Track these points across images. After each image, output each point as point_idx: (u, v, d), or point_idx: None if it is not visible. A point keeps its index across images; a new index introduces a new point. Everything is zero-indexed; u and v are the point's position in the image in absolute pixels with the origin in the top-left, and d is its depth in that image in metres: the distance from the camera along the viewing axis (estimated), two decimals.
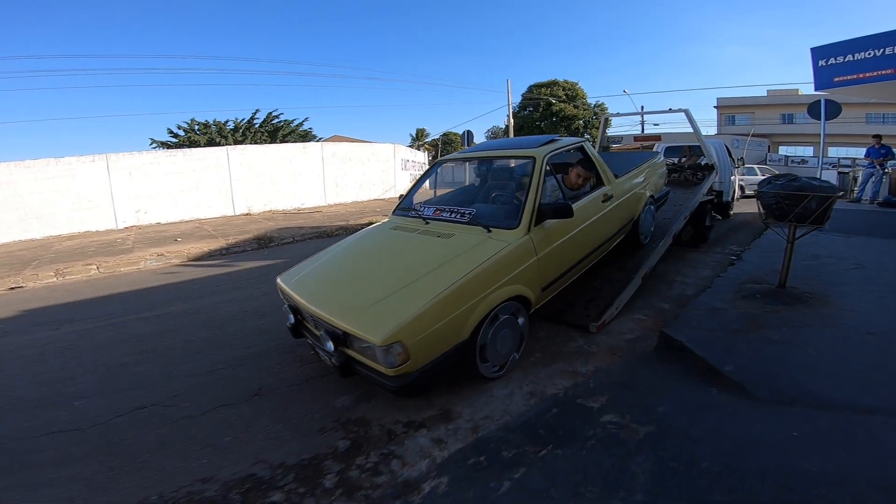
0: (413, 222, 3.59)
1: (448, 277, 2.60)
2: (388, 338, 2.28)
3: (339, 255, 3.53)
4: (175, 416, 2.73)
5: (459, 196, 4.26)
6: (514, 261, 2.89)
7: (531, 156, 3.44)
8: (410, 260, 3.02)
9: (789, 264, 3.94)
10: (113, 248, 8.04)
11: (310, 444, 2.40)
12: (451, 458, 2.20)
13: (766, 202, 3.91)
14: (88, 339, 4.09)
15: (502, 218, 3.18)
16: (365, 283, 2.89)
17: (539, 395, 2.70)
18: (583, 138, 4.25)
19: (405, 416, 2.60)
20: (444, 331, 2.49)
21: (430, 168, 4.45)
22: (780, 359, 2.73)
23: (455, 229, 3.23)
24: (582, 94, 32.28)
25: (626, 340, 3.38)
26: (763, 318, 3.36)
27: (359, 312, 2.53)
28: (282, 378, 3.13)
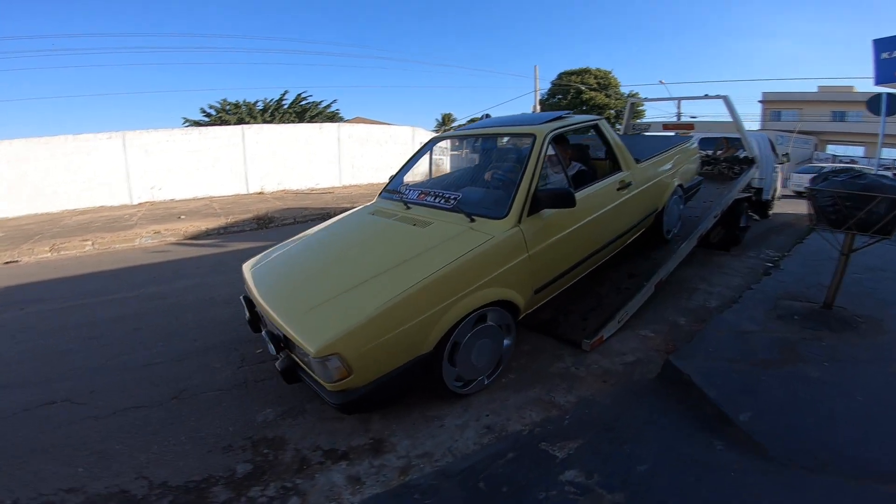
0: (394, 206, 3.16)
1: (410, 277, 2.16)
2: (323, 348, 1.89)
3: (307, 243, 3.14)
4: (80, 416, 2.43)
5: (454, 178, 3.79)
6: (498, 258, 2.40)
7: (531, 133, 2.92)
8: (375, 252, 2.61)
9: (840, 281, 3.22)
10: (116, 225, 8.00)
11: (207, 464, 2.03)
12: None
13: (821, 203, 3.16)
14: (47, 321, 3.88)
15: (490, 205, 2.69)
16: (321, 279, 2.50)
17: (498, 431, 2.20)
18: (598, 116, 3.62)
19: (330, 441, 2.18)
20: (398, 341, 2.05)
21: (423, 146, 3.94)
22: (816, 405, 2.11)
23: (436, 216, 2.77)
24: (615, 83, 30.80)
25: (623, 364, 2.81)
26: (802, 347, 2.71)
27: (301, 314, 2.15)
28: (213, 380, 2.77)
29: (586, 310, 3.32)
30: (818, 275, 3.95)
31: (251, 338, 3.31)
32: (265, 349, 3.12)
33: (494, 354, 2.53)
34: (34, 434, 2.28)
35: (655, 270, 3.60)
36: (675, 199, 4.14)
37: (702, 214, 4.56)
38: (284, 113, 19.32)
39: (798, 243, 5.61)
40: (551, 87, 31.43)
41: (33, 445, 2.18)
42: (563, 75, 31.09)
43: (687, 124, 6.34)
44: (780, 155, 7.96)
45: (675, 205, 4.16)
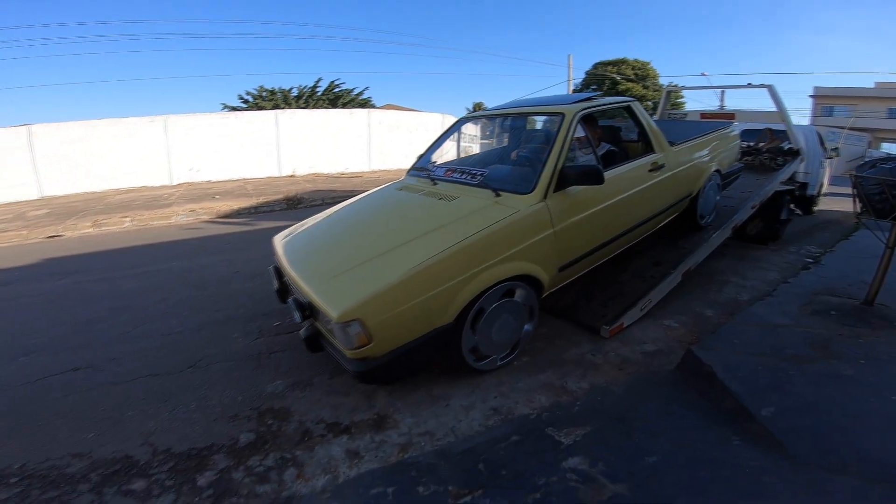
0: (421, 183, 3.16)
1: (434, 247, 2.15)
2: (345, 314, 1.89)
3: (336, 216, 3.17)
4: (99, 382, 2.50)
5: (479, 157, 3.80)
6: (523, 232, 2.37)
7: (559, 112, 2.85)
8: (401, 224, 2.62)
9: (884, 276, 2.96)
10: (155, 203, 8.30)
11: (212, 432, 2.05)
12: (356, 481, 1.73)
13: (867, 191, 2.92)
14: (78, 291, 4.06)
15: (516, 181, 2.66)
16: (347, 248, 2.53)
17: (505, 413, 2.13)
18: (630, 98, 3.48)
19: (334, 415, 2.16)
20: (420, 311, 2.04)
21: (452, 125, 3.94)
22: (845, 405, 1.94)
23: (462, 191, 2.76)
24: (653, 74, 29.60)
25: (643, 353, 2.68)
26: (836, 344, 2.50)
27: (326, 281, 2.17)
28: (229, 350, 2.81)
29: (608, 296, 3.20)
30: (861, 272, 3.66)
31: (270, 311, 3.37)
32: (283, 322, 3.17)
33: (513, 335, 2.48)
34: (56, 399, 2.35)
35: (683, 259, 3.42)
36: (712, 185, 3.95)
37: (738, 204, 4.30)
38: (318, 100, 19.53)
39: (843, 240, 5.23)
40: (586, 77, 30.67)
41: (55, 409, 2.25)
42: (599, 65, 30.28)
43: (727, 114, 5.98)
44: (830, 150, 7.42)
45: (712, 191, 3.97)
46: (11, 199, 9.89)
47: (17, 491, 1.73)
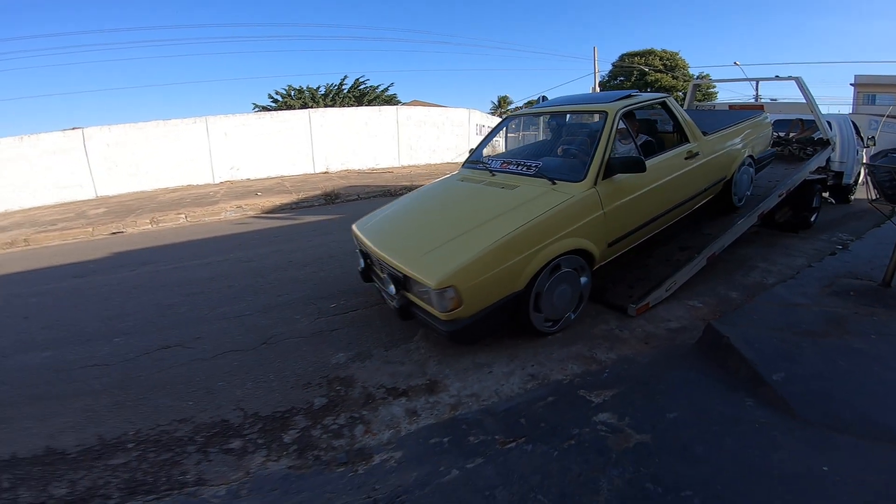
0: (480, 174, 3.54)
1: (506, 226, 2.58)
2: (442, 281, 2.33)
3: (408, 205, 3.62)
4: (189, 358, 2.90)
5: (529, 150, 4.16)
6: (577, 213, 2.78)
7: (603, 110, 3.24)
8: (472, 209, 3.02)
9: None
10: (203, 200, 8.88)
11: (290, 397, 2.41)
12: (416, 434, 2.06)
13: (879, 178, 3.10)
14: (153, 280, 4.55)
15: (568, 171, 3.06)
16: (428, 231, 2.96)
17: (541, 379, 2.43)
18: (666, 94, 3.80)
19: (392, 381, 2.50)
20: (498, 278, 2.47)
21: (499, 122, 4.39)
22: (853, 374, 2.14)
23: (520, 181, 3.16)
24: (682, 65, 29.46)
25: (667, 329, 2.93)
26: (851, 321, 2.68)
27: (419, 257, 2.60)
28: (294, 329, 3.19)
29: (635, 279, 3.45)
30: (886, 257, 3.69)
31: (326, 295, 3.75)
32: (337, 304, 3.53)
33: (575, 292, 2.88)
34: (153, 374, 2.74)
35: (708, 244, 3.63)
36: (745, 169, 4.22)
37: (766, 193, 4.43)
38: (344, 97, 20.02)
39: (875, 227, 5.24)
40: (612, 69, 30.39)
41: (153, 383, 2.64)
42: (626, 56, 30.10)
43: (756, 105, 6.03)
44: (866, 139, 7.32)
45: (745, 174, 4.25)
46: (70, 199, 10.71)
47: (135, 455, 2.04)
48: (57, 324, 3.61)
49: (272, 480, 1.84)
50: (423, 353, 2.74)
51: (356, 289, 3.78)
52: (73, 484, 1.89)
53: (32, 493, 1.86)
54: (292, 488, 1.78)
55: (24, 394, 2.62)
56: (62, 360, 3.00)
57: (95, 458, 2.05)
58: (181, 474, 1.91)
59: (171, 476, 1.90)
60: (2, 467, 2.02)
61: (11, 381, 2.78)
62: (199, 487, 1.83)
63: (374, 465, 1.86)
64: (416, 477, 1.74)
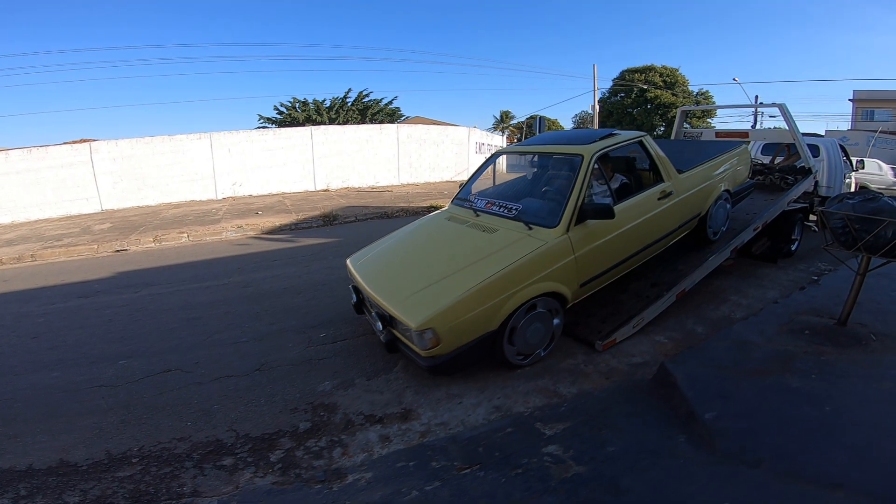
0: (466, 213, 3.92)
1: (483, 272, 2.94)
2: (422, 324, 2.70)
3: (398, 242, 4.03)
4: (189, 381, 3.28)
5: (513, 188, 4.49)
6: (550, 259, 3.11)
7: (579, 153, 3.53)
8: (455, 252, 3.41)
9: (855, 299, 3.40)
10: (205, 219, 9.36)
11: (278, 421, 2.77)
12: (386, 457, 2.41)
13: (832, 225, 3.36)
14: (156, 303, 4.95)
15: (545, 215, 3.39)
16: (414, 272, 3.36)
17: (505, 410, 2.77)
18: (642, 133, 4.09)
19: (370, 408, 2.85)
20: (474, 320, 2.83)
21: (488, 158, 4.74)
22: (781, 412, 2.45)
23: (500, 224, 3.50)
24: (682, 81, 30.53)
25: (629, 365, 3.25)
26: (797, 360, 2.99)
27: (403, 299, 3.00)
28: (286, 356, 3.56)
29: (606, 314, 3.76)
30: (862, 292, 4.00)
31: (316, 323, 4.12)
32: (327, 333, 3.90)
33: (547, 331, 3.23)
34: (154, 395, 3.11)
35: (678, 281, 3.94)
36: (721, 204, 4.50)
37: (741, 226, 4.73)
38: (348, 110, 20.62)
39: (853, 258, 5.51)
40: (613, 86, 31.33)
41: (155, 404, 3.00)
42: (626, 73, 31.04)
43: (741, 132, 6.39)
44: (855, 162, 7.64)
45: (721, 209, 4.53)
46: (76, 212, 11.26)
47: (139, 468, 2.37)
48: (64, 344, 4.01)
49: (258, 494, 2.19)
50: (401, 384, 3.10)
51: (346, 317, 4.15)
52: (84, 493, 2.24)
53: (48, 500, 2.21)
54: (275, 501, 2.13)
55: (36, 411, 2.99)
56: (70, 380, 3.37)
57: (104, 470, 2.40)
58: (179, 486, 2.27)
59: (171, 488, 2.26)
60: (20, 477, 2.38)
61: (24, 399, 3.16)
62: (194, 498, 2.18)
63: (347, 483, 2.21)
64: (382, 496, 2.08)
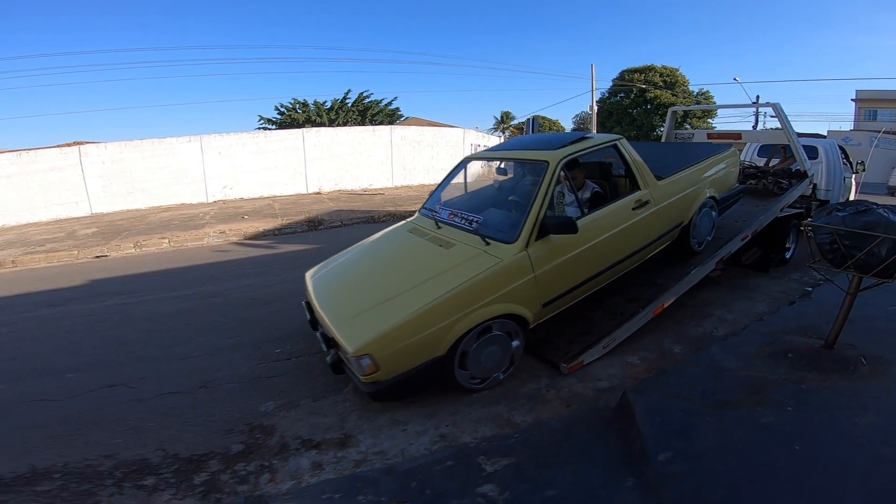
0: (428, 225, 3.76)
1: (430, 293, 2.80)
2: (358, 349, 2.60)
3: (356, 256, 3.93)
4: (130, 397, 3.21)
5: (481, 197, 4.27)
6: (506, 278, 2.93)
7: (544, 160, 3.32)
8: (409, 268, 3.29)
9: (844, 320, 3.20)
10: (191, 223, 9.37)
11: (211, 442, 2.69)
12: (313, 487, 2.31)
13: (819, 240, 3.14)
14: (121, 313, 4.92)
15: (505, 229, 3.20)
16: (362, 289, 3.26)
17: (450, 440, 2.64)
18: (617, 136, 3.88)
19: (310, 432, 2.75)
20: (418, 345, 2.70)
21: (457, 165, 4.48)
22: (743, 452, 2.27)
23: (459, 237, 3.34)
24: (682, 81, 30.45)
25: (595, 390, 3.06)
26: (774, 389, 2.81)
27: (345, 320, 2.90)
28: (235, 373, 3.48)
29: (577, 333, 3.58)
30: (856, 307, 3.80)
31: (275, 338, 4.03)
32: (283, 349, 3.81)
33: (505, 354, 3.06)
34: (93, 411, 3.06)
35: (656, 297, 3.75)
36: (705, 212, 4.28)
37: (728, 236, 4.53)
38: (348, 111, 20.64)
39: None
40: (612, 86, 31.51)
41: (92, 420, 2.96)
42: (626, 73, 31.14)
43: (733, 134, 6.20)
44: (855, 164, 7.38)
45: (706, 218, 4.30)
46: (65, 216, 11.35)
47: (59, 483, 2.38)
48: (19, 356, 4.00)
49: None
50: (347, 406, 2.99)
51: (306, 332, 4.01)
52: None
53: None
54: None
55: None
56: (13, 393, 3.35)
57: (24, 484, 2.39)
58: None
59: None
60: None
61: None
62: None
63: None
64: None
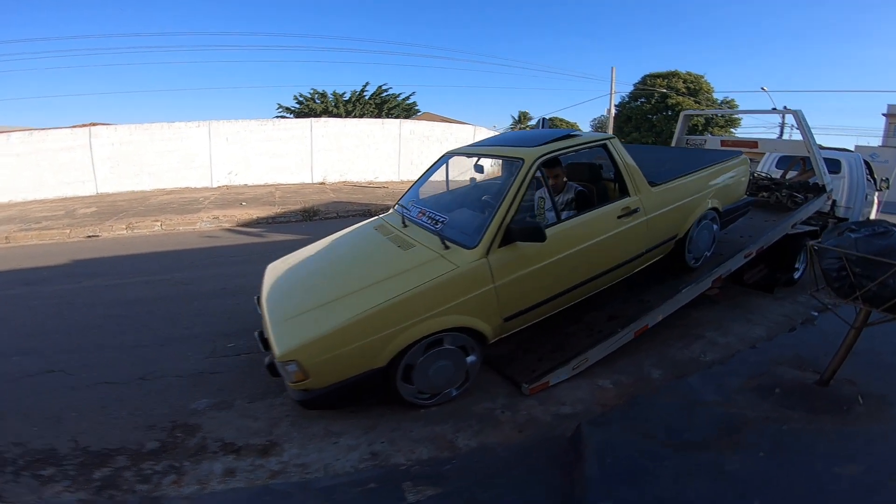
0: (395, 222, 3.50)
1: (373, 299, 2.56)
2: (285, 354, 2.41)
3: (318, 250, 3.67)
4: (65, 385, 3.13)
5: (456, 196, 3.97)
6: (460, 288, 2.67)
7: (519, 157, 3.05)
8: (362, 269, 3.05)
9: (845, 356, 2.87)
10: (188, 207, 9.40)
11: (127, 437, 2.58)
12: (217, 495, 2.18)
13: (825, 266, 2.76)
14: (90, 296, 4.87)
15: (470, 232, 2.90)
16: (311, 289, 3.03)
17: (381, 459, 2.44)
18: (609, 135, 3.58)
19: (234, 436, 2.61)
20: (353, 355, 2.48)
21: (438, 159, 4.17)
22: None
23: (421, 238, 3.09)
24: (707, 88, 29.56)
25: (554, 416, 2.80)
26: (749, 430, 2.51)
27: (281, 321, 2.69)
28: (179, 367, 3.36)
29: (548, 350, 3.31)
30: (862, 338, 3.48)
31: (232, 331, 3.91)
32: (237, 343, 3.67)
33: (458, 370, 2.82)
34: (24, 396, 2.98)
35: (639, 316, 3.44)
36: (705, 225, 3.95)
37: (729, 252, 4.17)
38: (366, 103, 20.65)
39: None
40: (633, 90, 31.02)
41: (19, 406, 2.87)
42: (648, 78, 30.67)
43: (749, 142, 5.83)
44: (879, 181, 6.92)
45: (705, 231, 3.97)
46: (72, 194, 11.55)
47: None
48: None
49: None
50: (282, 411, 2.83)
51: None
52: None
53: None
54: None
55: None
56: None
57: None
58: None
59: None
60: None
61: None
62: None
63: None
64: None
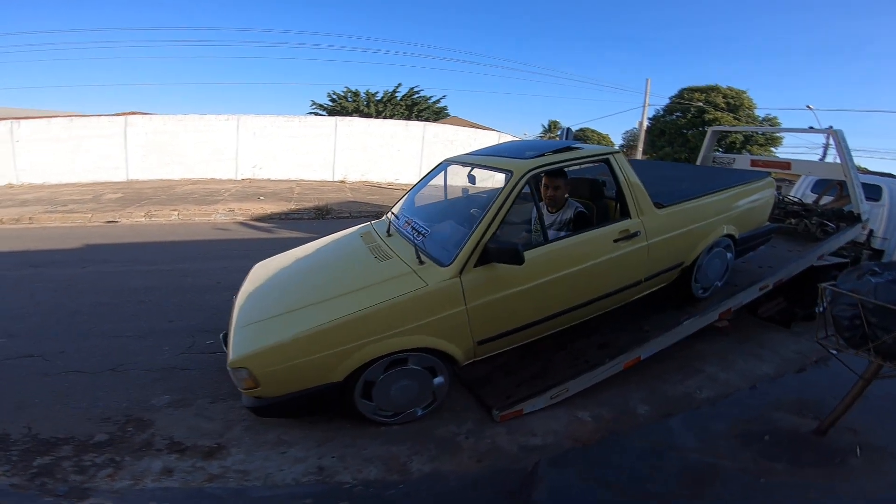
0: (381, 230, 3.44)
1: (336, 312, 2.49)
2: (235, 361, 2.39)
3: (304, 253, 3.64)
4: (38, 371, 3.21)
5: (449, 206, 3.82)
6: (428, 307, 2.56)
7: (508, 168, 2.90)
8: (334, 279, 2.99)
9: (849, 407, 2.61)
10: (208, 198, 9.68)
11: (79, 427, 2.62)
12: (146, 493, 2.17)
13: (837, 312, 2.48)
14: (90, 282, 5.03)
15: (448, 247, 2.75)
16: (281, 294, 3.00)
17: (327, 475, 2.37)
18: (613, 149, 3.39)
19: (184, 435, 2.61)
20: (308, 368, 2.43)
21: (436, 167, 4.07)
22: None
23: (401, 249, 3.00)
24: (749, 105, 28.23)
25: (521, 447, 2.65)
26: (721, 483, 2.32)
27: (241, 327, 2.66)
28: (152, 360, 3.40)
29: (528, 375, 3.15)
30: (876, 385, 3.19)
31: (216, 327, 3.87)
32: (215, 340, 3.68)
33: (424, 390, 2.73)
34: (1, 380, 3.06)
35: (630, 348, 3.20)
36: (717, 253, 3.67)
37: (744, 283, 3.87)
38: (396, 104, 20.89)
39: None
40: (669, 104, 30.04)
41: None
42: (686, 91, 29.64)
43: (782, 162, 5.49)
44: None
45: (717, 259, 3.69)
46: (104, 179, 12.14)
47: None
48: None
49: None
50: (239, 414, 2.80)
51: None
52: None
53: None
54: None
55: None
56: None
57: None
58: None
59: None
60: None
61: None
62: None
63: None
64: None
